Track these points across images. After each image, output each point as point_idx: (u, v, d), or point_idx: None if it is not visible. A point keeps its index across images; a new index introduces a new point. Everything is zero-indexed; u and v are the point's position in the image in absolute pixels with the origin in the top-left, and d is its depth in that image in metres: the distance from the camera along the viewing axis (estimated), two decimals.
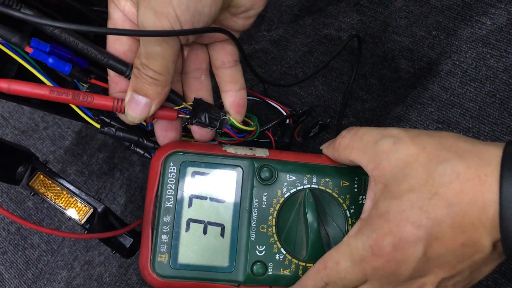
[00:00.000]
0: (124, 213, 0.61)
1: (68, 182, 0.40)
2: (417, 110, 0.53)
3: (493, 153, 0.29)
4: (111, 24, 0.36)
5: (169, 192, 0.36)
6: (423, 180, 0.30)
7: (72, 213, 0.40)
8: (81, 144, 0.66)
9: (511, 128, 0.49)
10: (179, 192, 0.36)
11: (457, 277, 0.32)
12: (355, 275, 0.32)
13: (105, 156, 0.64)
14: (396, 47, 0.56)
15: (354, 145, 0.35)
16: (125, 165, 0.63)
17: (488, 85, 0.51)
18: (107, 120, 0.38)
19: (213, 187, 0.37)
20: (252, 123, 0.40)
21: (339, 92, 0.56)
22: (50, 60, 0.35)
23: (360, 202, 0.38)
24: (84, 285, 0.59)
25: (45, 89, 0.34)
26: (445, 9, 0.55)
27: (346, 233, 0.38)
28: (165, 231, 0.36)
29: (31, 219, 0.64)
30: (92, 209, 0.39)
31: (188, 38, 0.34)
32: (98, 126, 0.37)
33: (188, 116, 0.37)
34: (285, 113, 0.46)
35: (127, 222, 0.46)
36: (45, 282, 0.61)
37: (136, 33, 0.32)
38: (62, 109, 0.38)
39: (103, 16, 0.37)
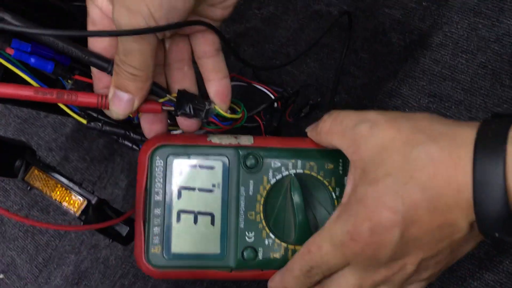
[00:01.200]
0: (126, 197, 0.62)
1: (62, 175, 0.41)
2: (409, 84, 0.52)
3: (467, 134, 0.30)
4: (89, 22, 0.36)
5: (157, 185, 0.37)
6: (399, 165, 0.31)
7: (67, 205, 0.41)
8: (81, 131, 0.67)
9: (503, 100, 0.48)
10: (167, 185, 0.37)
11: (437, 257, 0.32)
12: (337, 259, 0.33)
13: (105, 142, 0.65)
14: (387, 20, 0.55)
15: (334, 129, 0.35)
16: (125, 149, 0.64)
17: (480, 56, 0.50)
18: (94, 114, 0.39)
19: (201, 177, 0.38)
20: (238, 110, 0.41)
21: (331, 69, 0.56)
22: (32, 60, 0.35)
23: (345, 183, 0.39)
24: (92, 268, 0.61)
25: (29, 90, 0.35)
26: None
27: None
28: (156, 223, 0.37)
29: (37, 206, 0.66)
30: (86, 201, 0.41)
31: (165, 32, 0.35)
32: (84, 121, 0.38)
33: (173, 108, 0.38)
34: (273, 97, 0.46)
35: (123, 211, 0.47)
36: (55, 266, 0.63)
37: (110, 33, 0.33)
38: (49, 107, 0.39)
39: (84, 10, 0.37)
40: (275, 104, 0.46)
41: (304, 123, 0.55)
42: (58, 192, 0.41)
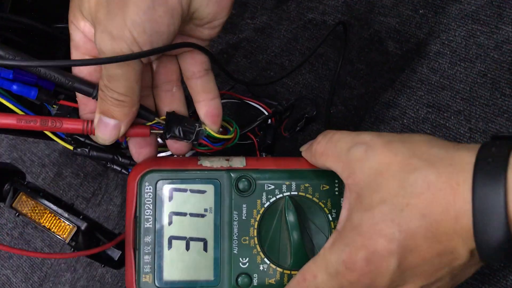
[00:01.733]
0: (120, 213, 0.61)
1: (50, 200, 0.40)
2: (406, 94, 0.51)
3: (466, 159, 0.28)
4: (73, 46, 0.35)
5: (147, 212, 0.36)
6: (395, 191, 0.29)
7: (56, 232, 0.40)
8: None
9: (504, 109, 0.47)
10: (157, 211, 0.36)
11: (438, 283, 0.31)
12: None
13: None
14: (383, 29, 0.54)
15: (329, 152, 0.34)
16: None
17: (479, 65, 0.49)
18: (81, 139, 0.38)
19: (192, 202, 0.36)
20: (231, 129, 0.40)
21: (327, 79, 0.55)
22: (15, 87, 0.34)
23: (342, 205, 0.38)
24: (88, 286, 0.60)
25: (12, 118, 0.34)
26: None
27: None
28: (147, 251, 0.36)
29: (32, 223, 0.65)
30: (75, 227, 0.39)
31: (151, 57, 0.33)
32: (70, 147, 0.37)
33: (162, 131, 0.37)
34: (267, 113, 0.45)
35: (116, 231, 0.46)
36: (51, 285, 0.62)
37: (92, 62, 0.32)
38: (35, 133, 0.38)
39: (66, 33, 0.36)
40: (269, 121, 0.44)
41: (300, 137, 0.54)
42: (46, 219, 0.40)
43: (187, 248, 0.36)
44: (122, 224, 0.61)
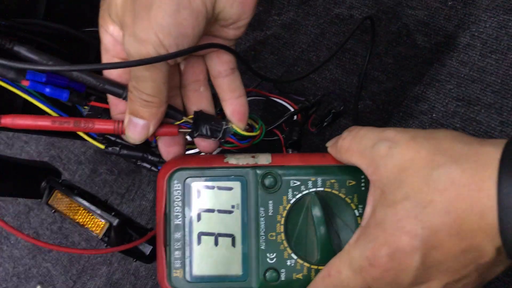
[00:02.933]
0: (153, 209, 0.63)
1: (84, 198, 0.42)
2: (435, 88, 0.51)
3: (491, 155, 0.28)
4: (103, 49, 0.36)
5: (176, 209, 0.37)
6: (418, 187, 0.29)
7: (90, 228, 0.41)
8: None
9: None
10: (186, 208, 0.37)
11: (464, 280, 0.31)
12: (357, 283, 0.32)
13: None
14: (411, 22, 0.53)
15: (354, 148, 0.34)
16: None
17: (511, 56, 0.48)
18: (112, 138, 0.39)
19: (219, 199, 0.37)
20: (256, 126, 0.40)
21: (354, 74, 0.55)
22: (48, 90, 0.36)
23: (367, 201, 0.38)
24: (123, 279, 0.62)
25: (47, 120, 0.35)
26: None
27: None
28: (177, 247, 0.37)
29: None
30: (108, 224, 0.41)
31: (177, 59, 0.34)
32: (102, 146, 0.38)
33: (190, 130, 0.38)
34: (292, 109, 0.45)
35: (148, 227, 0.47)
36: (88, 278, 0.64)
37: (121, 65, 0.33)
38: (69, 134, 0.39)
39: (97, 36, 0.38)
40: (295, 117, 0.45)
41: (328, 132, 0.54)
42: (80, 216, 0.41)
43: (216, 243, 0.37)
44: (155, 219, 0.62)
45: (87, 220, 0.41)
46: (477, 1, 0.51)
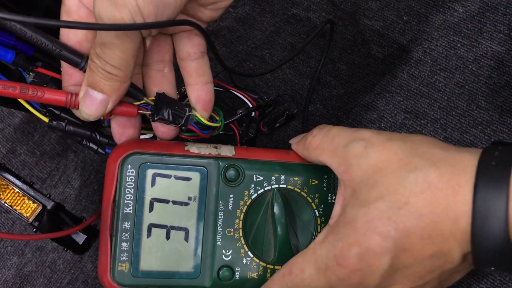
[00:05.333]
0: (78, 197, 0.58)
1: (15, 175, 0.37)
2: (385, 98, 0.51)
3: (468, 162, 0.28)
4: (64, 11, 0.32)
5: (127, 196, 0.34)
6: (393, 188, 0.29)
7: (19, 210, 0.37)
8: (31, 122, 0.61)
9: (478, 121, 0.48)
10: (138, 196, 0.34)
11: (425, 286, 0.31)
12: (320, 283, 0.31)
13: (58, 136, 0.60)
14: (367, 31, 0.54)
15: (325, 146, 0.33)
16: (80, 146, 0.59)
17: (458, 76, 0.50)
18: (56, 112, 0.35)
19: (176, 189, 0.35)
20: (217, 118, 0.38)
21: (307, 77, 0.54)
22: None
23: (329, 201, 0.37)
24: (37, 272, 0.56)
25: None
26: None
27: (315, 234, 0.37)
28: (124, 238, 0.34)
29: None
30: (41, 206, 0.37)
31: (151, 31, 0.31)
32: (46, 120, 0.34)
33: (150, 112, 0.35)
34: (251, 105, 0.43)
35: (78, 215, 0.43)
36: None
37: (91, 27, 0.29)
38: (6, 101, 0.34)
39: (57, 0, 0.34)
40: (253, 113, 0.43)
41: (276, 133, 0.53)
42: (9, 195, 0.36)
43: (168, 237, 0.35)
44: (79, 208, 0.57)
45: (16, 201, 0.37)
46: (431, 19, 0.52)
